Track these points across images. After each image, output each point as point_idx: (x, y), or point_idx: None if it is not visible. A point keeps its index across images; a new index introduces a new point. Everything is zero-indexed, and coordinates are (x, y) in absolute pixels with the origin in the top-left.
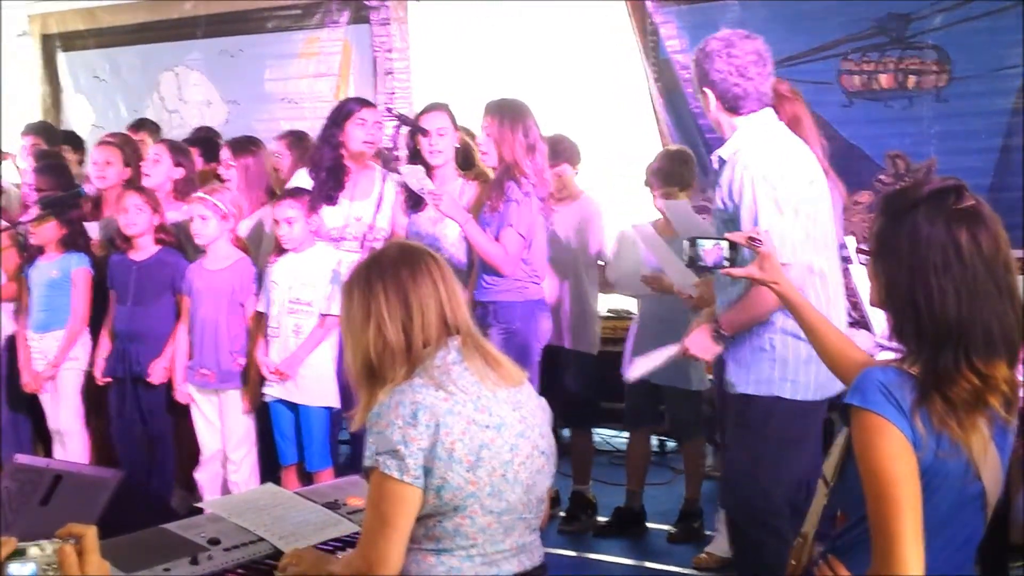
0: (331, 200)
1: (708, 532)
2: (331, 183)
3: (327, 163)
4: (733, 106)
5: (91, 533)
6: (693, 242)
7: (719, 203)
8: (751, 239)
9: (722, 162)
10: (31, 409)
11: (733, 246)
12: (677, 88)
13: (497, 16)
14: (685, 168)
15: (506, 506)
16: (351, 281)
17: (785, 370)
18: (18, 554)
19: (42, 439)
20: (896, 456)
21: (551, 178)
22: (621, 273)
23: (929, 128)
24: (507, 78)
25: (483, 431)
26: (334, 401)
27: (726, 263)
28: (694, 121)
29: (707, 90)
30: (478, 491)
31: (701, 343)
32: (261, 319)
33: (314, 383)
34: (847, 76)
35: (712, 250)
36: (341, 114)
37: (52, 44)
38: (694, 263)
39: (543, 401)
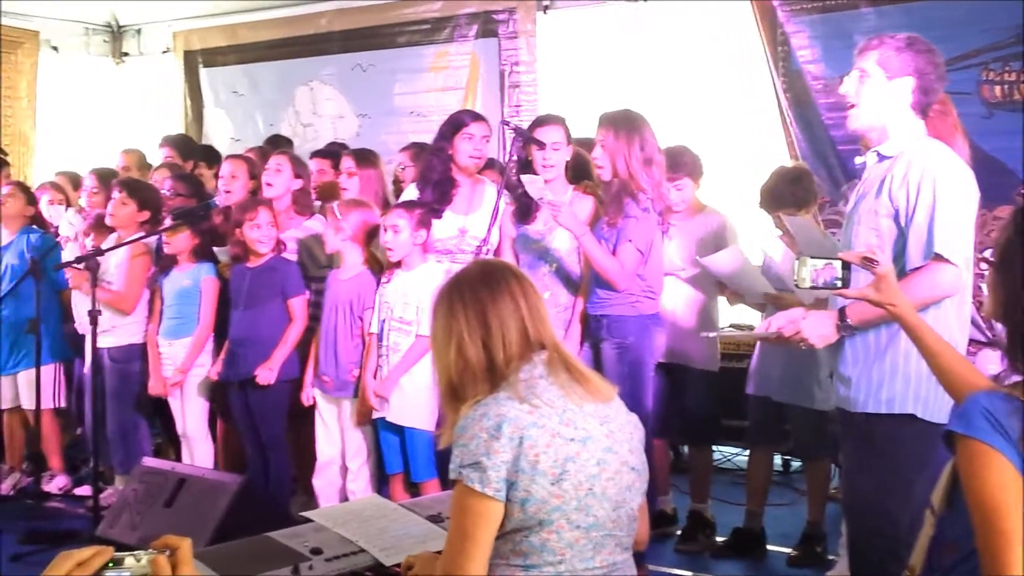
0: (436, 214)
1: (831, 556)
2: (437, 196)
3: (435, 176)
4: (921, 104)
5: (186, 545)
6: (804, 262)
7: (884, 199)
8: (866, 259)
9: (881, 158)
10: (160, 414)
11: (846, 266)
12: (808, 99)
13: (624, 27)
14: (797, 187)
15: (594, 521)
16: (436, 302)
17: (919, 388)
18: (114, 564)
19: (173, 443)
20: (1004, 486)
21: (670, 191)
22: (744, 286)
23: None
24: (634, 89)
25: (568, 444)
26: (429, 424)
27: (838, 283)
28: (826, 133)
29: (908, 77)
30: (564, 505)
31: (819, 328)
32: (373, 338)
33: (413, 404)
34: (987, 86)
35: (824, 270)
36: (451, 127)
37: (195, 60)
38: (806, 283)
39: (634, 417)
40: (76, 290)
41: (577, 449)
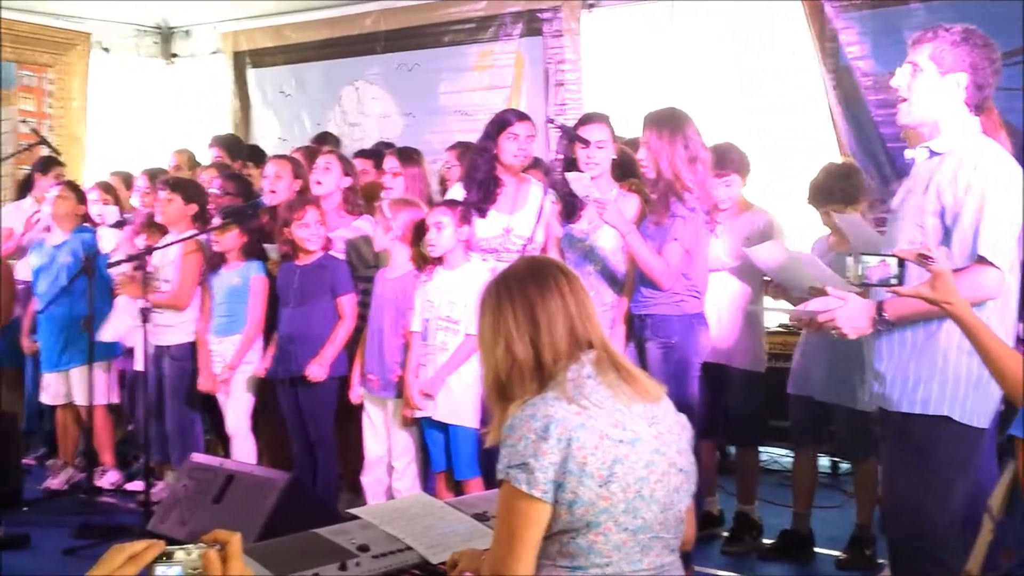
0: (481, 213)
1: (880, 560)
2: (482, 195)
3: (480, 175)
4: (975, 100)
5: (235, 540)
6: (858, 258)
7: (931, 196)
8: (922, 256)
9: (932, 155)
10: (210, 410)
11: (901, 263)
12: (857, 96)
13: (670, 24)
14: (847, 183)
15: (641, 524)
16: (482, 299)
17: (957, 389)
18: (165, 557)
19: (222, 440)
20: None
21: (717, 188)
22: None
23: None
24: (680, 87)
25: (617, 446)
26: (474, 422)
27: (893, 281)
28: (875, 130)
29: (962, 73)
30: (611, 507)
31: (855, 319)
32: (415, 336)
33: (459, 402)
34: None
35: (878, 267)
36: (496, 126)
37: (243, 61)
38: (860, 280)
39: (683, 417)
40: (124, 295)
41: (626, 451)
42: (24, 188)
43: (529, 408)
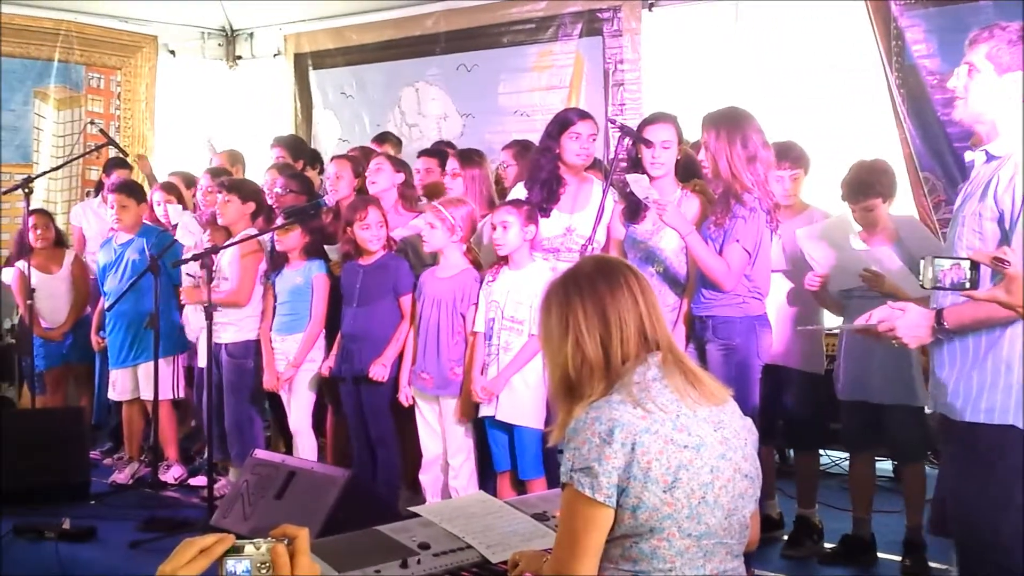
0: (544, 212)
1: (933, 564)
2: (545, 195)
3: (543, 175)
4: None
5: (303, 535)
6: (931, 261)
7: (990, 201)
8: (996, 259)
9: (990, 158)
10: (274, 408)
11: (975, 266)
12: (923, 95)
13: (730, 24)
14: (884, 177)
15: (705, 530)
16: (548, 296)
17: (1021, 398)
18: (235, 551)
19: (283, 436)
20: None
21: (783, 182)
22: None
23: None
24: (740, 87)
25: (681, 451)
26: (539, 422)
27: (967, 284)
28: (942, 130)
29: (1020, 72)
30: (675, 513)
31: (915, 329)
32: (478, 336)
33: (523, 402)
34: None
35: (951, 270)
36: (558, 126)
37: (304, 63)
38: (933, 283)
39: (748, 421)
40: (189, 304)
41: (690, 456)
42: (100, 188)
43: (593, 411)
